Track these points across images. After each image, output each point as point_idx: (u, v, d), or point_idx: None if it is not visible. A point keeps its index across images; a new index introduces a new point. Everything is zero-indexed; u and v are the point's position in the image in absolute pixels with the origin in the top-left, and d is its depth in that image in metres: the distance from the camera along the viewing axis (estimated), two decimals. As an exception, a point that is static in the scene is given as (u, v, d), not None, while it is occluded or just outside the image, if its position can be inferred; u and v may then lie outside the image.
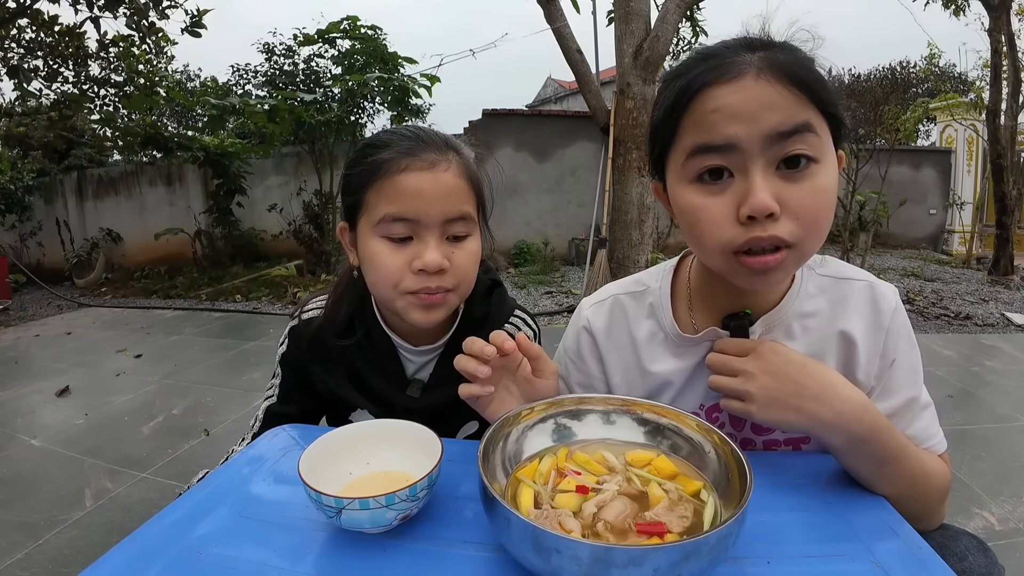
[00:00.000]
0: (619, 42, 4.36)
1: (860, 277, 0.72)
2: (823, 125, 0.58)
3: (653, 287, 0.77)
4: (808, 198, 0.57)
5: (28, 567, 1.62)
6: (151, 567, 0.50)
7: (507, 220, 6.59)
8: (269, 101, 5.47)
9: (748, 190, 0.57)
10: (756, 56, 0.57)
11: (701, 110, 0.58)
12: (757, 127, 0.56)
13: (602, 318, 0.79)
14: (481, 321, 0.84)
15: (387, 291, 0.74)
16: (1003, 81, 5.87)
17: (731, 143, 0.57)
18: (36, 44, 5.39)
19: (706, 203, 0.60)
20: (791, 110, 0.56)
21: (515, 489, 0.55)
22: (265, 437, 0.76)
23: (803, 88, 0.56)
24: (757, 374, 0.62)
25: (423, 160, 0.71)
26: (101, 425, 2.64)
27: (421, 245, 0.71)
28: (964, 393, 2.79)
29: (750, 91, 0.56)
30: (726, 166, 0.58)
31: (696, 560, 0.41)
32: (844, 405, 0.59)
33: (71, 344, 4.24)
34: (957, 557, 0.64)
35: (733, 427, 0.74)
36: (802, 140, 0.56)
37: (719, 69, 0.58)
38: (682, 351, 0.73)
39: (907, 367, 0.69)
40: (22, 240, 7.67)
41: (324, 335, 0.83)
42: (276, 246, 6.80)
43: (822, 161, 0.58)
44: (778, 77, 0.56)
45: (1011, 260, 5.80)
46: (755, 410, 0.61)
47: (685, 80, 0.60)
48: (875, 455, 0.59)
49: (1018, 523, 1.71)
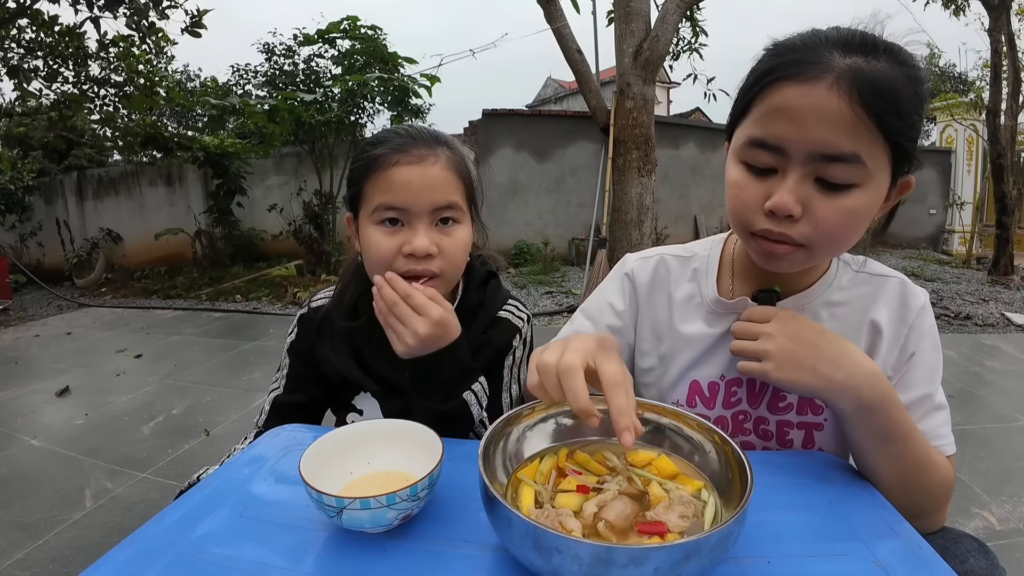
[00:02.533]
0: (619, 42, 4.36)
1: (894, 275, 0.74)
2: (880, 153, 0.57)
3: (701, 254, 0.81)
4: (834, 214, 0.58)
5: (28, 567, 1.62)
6: (151, 567, 0.50)
7: (507, 220, 6.59)
8: (269, 101, 5.46)
9: (778, 188, 0.59)
10: (846, 61, 0.55)
11: (769, 104, 0.59)
12: (807, 139, 0.56)
13: (646, 273, 0.83)
14: (476, 308, 0.89)
15: (380, 272, 0.79)
16: (1003, 81, 5.88)
17: (780, 145, 0.58)
18: (36, 44, 5.38)
19: (746, 184, 0.62)
20: (844, 136, 0.55)
21: (516, 489, 0.55)
22: (265, 437, 0.76)
23: (872, 112, 0.54)
24: (776, 335, 0.63)
25: (412, 155, 0.77)
26: (101, 425, 2.64)
27: (411, 232, 0.78)
28: (964, 393, 2.79)
29: (817, 100, 0.55)
30: (774, 165, 0.60)
31: (697, 560, 0.41)
32: (857, 370, 0.60)
33: (71, 344, 4.24)
34: (958, 559, 0.64)
35: (750, 404, 0.75)
36: (844, 169, 0.56)
37: (800, 65, 0.56)
38: (714, 319, 0.76)
39: (927, 366, 0.70)
40: (22, 240, 7.67)
41: (331, 317, 0.88)
42: (276, 246, 6.80)
43: (864, 186, 0.58)
44: (851, 93, 0.54)
45: (1011, 260, 5.81)
46: (771, 369, 0.62)
47: (770, 64, 0.59)
48: (883, 428, 0.60)
49: (1018, 523, 1.71)
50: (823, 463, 0.67)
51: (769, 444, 0.76)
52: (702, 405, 0.77)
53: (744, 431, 0.76)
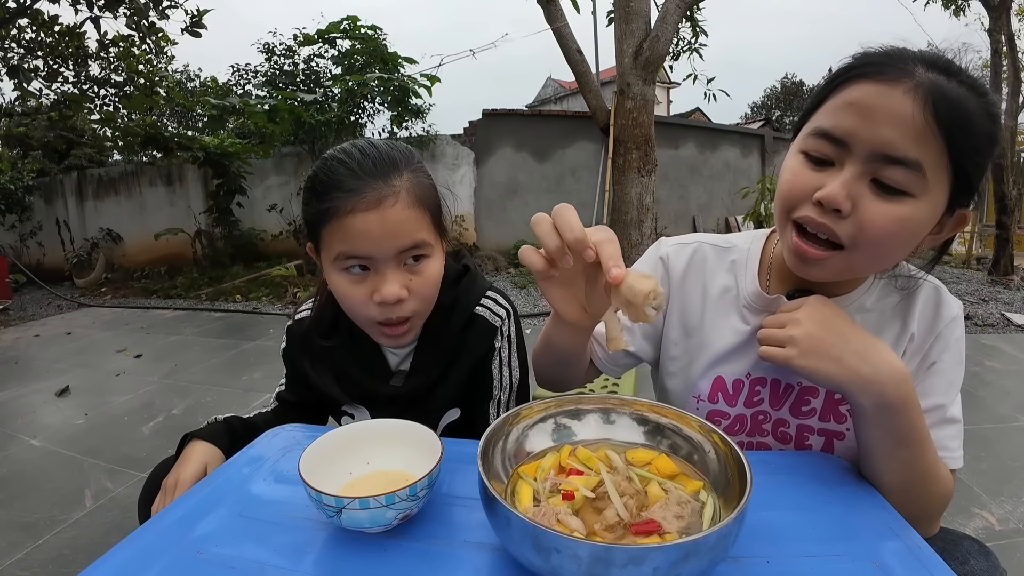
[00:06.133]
0: (619, 42, 4.36)
1: (931, 280, 0.71)
2: (942, 171, 0.56)
3: (741, 247, 0.78)
4: (883, 218, 0.57)
5: (28, 567, 1.62)
6: (151, 567, 0.50)
7: (507, 220, 6.59)
8: (269, 101, 5.47)
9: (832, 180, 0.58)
10: (928, 75, 0.55)
11: (844, 98, 0.59)
12: (874, 136, 0.56)
13: (682, 260, 0.80)
14: (449, 309, 0.85)
15: (357, 319, 0.79)
16: (1003, 81, 5.87)
17: (844, 139, 0.58)
18: (36, 44, 5.39)
19: (801, 172, 0.62)
20: (911, 141, 0.54)
21: (514, 486, 0.55)
22: (265, 437, 0.76)
23: (942, 125, 0.54)
24: (804, 321, 0.61)
25: (367, 199, 0.70)
26: (101, 425, 2.64)
27: (378, 278, 0.73)
28: (964, 393, 2.76)
29: (891, 100, 0.55)
30: (833, 158, 0.59)
31: (696, 559, 0.41)
32: (885, 366, 0.58)
33: (71, 344, 4.24)
34: (959, 561, 0.63)
35: (771, 405, 0.74)
36: (902, 174, 0.55)
37: (883, 67, 0.57)
38: (748, 314, 0.74)
39: (945, 377, 0.69)
40: (22, 240, 7.67)
41: (312, 336, 0.87)
42: (276, 246, 6.79)
43: (919, 199, 0.56)
44: (926, 103, 0.54)
45: (1011, 260, 5.80)
46: (795, 355, 0.60)
47: (854, 62, 0.60)
48: (899, 431, 0.59)
49: (1018, 523, 1.71)
50: (823, 463, 0.67)
51: (787, 448, 0.75)
52: (724, 401, 0.76)
53: (762, 431, 0.75)
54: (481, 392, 0.87)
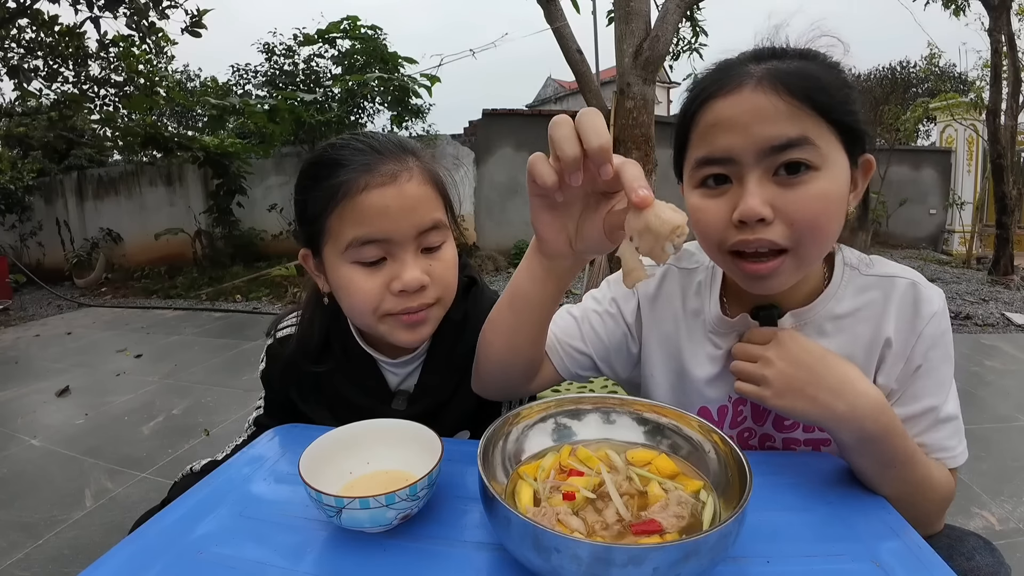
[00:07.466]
0: (619, 42, 4.35)
1: (906, 275, 0.69)
2: (828, 135, 0.58)
3: (704, 263, 0.77)
4: (804, 204, 0.58)
5: (28, 567, 1.62)
6: (151, 567, 0.50)
7: (507, 220, 6.59)
8: (269, 101, 5.47)
9: (742, 196, 0.59)
10: (761, 67, 0.58)
11: (704, 123, 0.61)
12: (751, 139, 0.58)
13: (651, 284, 0.78)
14: (461, 324, 0.80)
15: (367, 317, 0.71)
16: (1003, 81, 5.87)
17: (728, 156, 0.59)
18: (36, 44, 5.39)
19: (706, 205, 0.63)
20: (785, 123, 0.57)
21: (515, 486, 0.55)
22: (265, 437, 0.76)
23: (804, 99, 0.56)
24: (775, 360, 0.61)
25: (383, 174, 0.66)
26: (101, 425, 2.64)
27: (397, 264, 0.68)
28: (964, 393, 2.78)
29: (746, 103, 0.57)
30: (727, 174, 0.61)
31: (696, 559, 0.41)
32: (860, 400, 0.57)
33: (71, 344, 4.24)
34: (964, 557, 0.63)
35: (755, 422, 0.74)
36: (797, 152, 0.57)
37: (721, 81, 0.60)
38: (717, 339, 0.74)
39: (934, 377, 0.66)
40: (22, 240, 7.67)
41: (297, 361, 0.79)
42: (276, 246, 6.79)
43: (823, 168, 0.58)
44: (776, 88, 0.57)
45: (1011, 260, 5.80)
46: (769, 395, 0.61)
47: (694, 92, 0.62)
48: (883, 456, 0.59)
49: (1018, 523, 1.71)
50: (822, 463, 0.67)
51: None
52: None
53: (750, 447, 0.75)
54: (489, 411, 0.82)
